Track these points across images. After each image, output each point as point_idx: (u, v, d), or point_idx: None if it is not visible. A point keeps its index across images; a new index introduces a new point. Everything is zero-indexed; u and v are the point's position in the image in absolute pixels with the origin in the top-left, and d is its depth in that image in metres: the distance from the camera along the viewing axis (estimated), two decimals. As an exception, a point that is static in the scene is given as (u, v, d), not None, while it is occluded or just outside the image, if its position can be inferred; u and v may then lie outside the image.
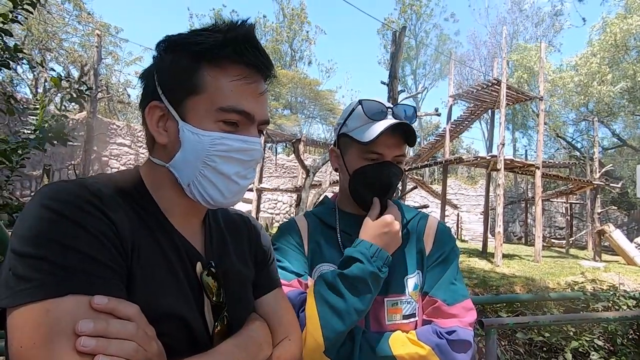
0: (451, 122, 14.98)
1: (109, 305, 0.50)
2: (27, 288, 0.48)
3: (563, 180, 16.03)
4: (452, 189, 22.94)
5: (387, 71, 8.25)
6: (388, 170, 1.00)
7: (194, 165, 0.64)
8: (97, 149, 13.77)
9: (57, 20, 16.81)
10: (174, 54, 0.64)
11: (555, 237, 20.46)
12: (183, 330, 0.61)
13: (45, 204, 0.53)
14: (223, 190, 0.66)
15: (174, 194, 0.67)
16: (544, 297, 2.79)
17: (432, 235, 1.06)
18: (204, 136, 0.62)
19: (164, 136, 0.65)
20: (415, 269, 1.01)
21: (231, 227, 0.81)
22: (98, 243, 0.53)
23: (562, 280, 7.93)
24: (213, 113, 0.63)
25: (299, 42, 33.77)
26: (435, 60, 34.24)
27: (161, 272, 0.61)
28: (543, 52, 13.47)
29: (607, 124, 23.75)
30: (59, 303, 0.48)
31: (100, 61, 12.21)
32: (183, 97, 0.63)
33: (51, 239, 0.50)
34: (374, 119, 0.99)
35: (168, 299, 0.60)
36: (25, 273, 0.49)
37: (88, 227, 0.53)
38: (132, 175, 0.67)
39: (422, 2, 32.70)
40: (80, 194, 0.55)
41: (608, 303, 2.93)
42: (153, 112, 0.65)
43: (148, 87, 0.67)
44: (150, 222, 0.63)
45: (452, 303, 0.96)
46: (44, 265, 0.49)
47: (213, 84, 0.63)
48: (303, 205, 9.75)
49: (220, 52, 0.62)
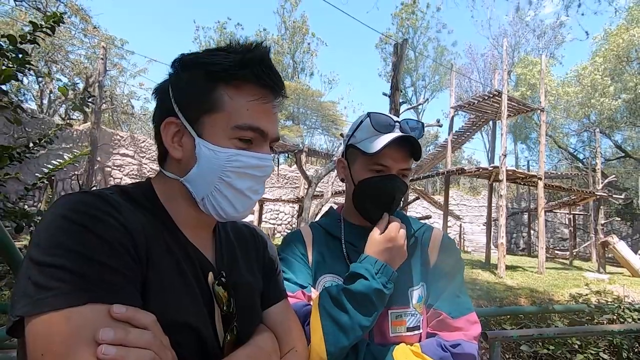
0: (452, 133, 15.04)
1: (127, 314, 0.51)
2: (48, 297, 0.49)
3: (566, 191, 15.98)
4: (454, 199, 22.88)
5: (388, 83, 8.32)
6: (392, 182, 1.00)
7: (210, 181, 0.66)
8: (100, 159, 13.85)
9: (64, 33, 17.07)
10: (190, 73, 0.66)
11: (559, 248, 20.30)
12: (195, 340, 0.62)
13: (65, 214, 0.54)
14: (236, 204, 0.68)
15: (186, 206, 0.69)
16: (548, 309, 2.76)
17: (436, 247, 1.06)
18: (221, 153, 0.65)
19: (178, 151, 0.67)
20: (420, 281, 1.01)
21: (239, 239, 0.82)
22: (116, 252, 0.54)
23: (566, 292, 7.86)
24: (229, 130, 0.65)
25: (300, 53, 34.15)
26: (434, 72, 34.48)
27: (175, 281, 0.62)
28: (544, 64, 13.57)
29: (609, 135, 23.75)
30: (79, 312, 0.49)
31: (105, 73, 12.37)
32: (200, 114, 0.65)
33: (71, 249, 0.51)
34: (380, 132, 1.00)
35: (182, 308, 0.61)
36: (45, 282, 0.49)
37: (106, 236, 0.54)
38: (145, 187, 0.69)
39: (417, 16, 33.05)
40: (98, 205, 0.57)
41: (613, 315, 2.90)
42: (169, 128, 0.67)
43: (163, 103, 0.69)
44: (163, 233, 0.64)
45: (457, 316, 0.96)
46: (64, 274, 0.50)
47: (230, 103, 0.65)
48: (305, 215, 9.74)
49: (237, 73, 0.65)
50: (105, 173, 14.65)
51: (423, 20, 33.27)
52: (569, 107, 23.76)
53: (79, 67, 18.24)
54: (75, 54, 18.68)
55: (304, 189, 12.89)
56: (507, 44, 14.87)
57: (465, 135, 16.79)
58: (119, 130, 17.72)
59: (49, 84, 17.33)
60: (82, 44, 18.63)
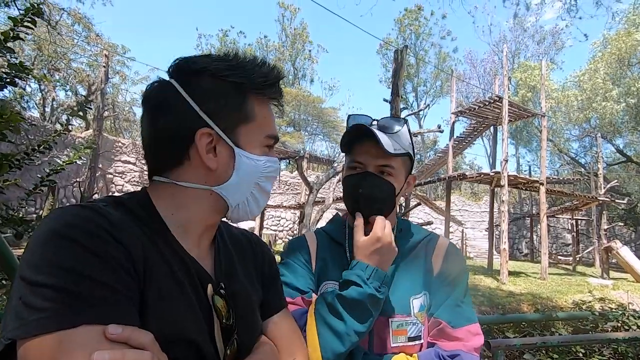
0: (454, 138, 15.04)
1: (123, 335, 0.49)
2: (40, 318, 0.46)
3: (568, 196, 15.93)
4: (455, 205, 22.82)
5: (388, 89, 8.34)
6: (366, 180, 0.98)
7: (247, 187, 0.70)
8: (102, 166, 13.89)
9: (67, 41, 17.22)
10: (212, 83, 0.66)
11: (562, 253, 20.18)
12: (195, 355, 0.60)
13: (56, 229, 0.52)
14: (261, 205, 0.74)
15: (196, 215, 0.68)
16: (552, 317, 2.73)
17: (441, 255, 1.03)
18: (258, 161, 0.69)
19: (214, 161, 0.66)
20: (422, 290, 0.99)
21: (238, 248, 0.81)
22: (111, 269, 0.52)
23: (570, 298, 7.79)
24: (262, 140, 0.71)
25: (301, 60, 34.35)
26: (435, 78, 34.58)
27: (173, 295, 0.60)
28: (544, 70, 13.60)
29: (610, 139, 23.72)
30: (72, 334, 0.47)
31: (107, 80, 12.43)
32: (235, 125, 0.67)
33: (63, 267, 0.49)
34: (352, 131, 1.02)
35: (181, 323, 0.59)
36: (36, 303, 0.47)
37: (100, 253, 0.52)
38: (140, 197, 0.67)
39: (420, 22, 33.25)
40: (91, 219, 0.55)
41: (617, 323, 2.87)
42: (203, 139, 0.65)
43: (183, 113, 0.65)
44: (160, 244, 0.62)
45: (457, 326, 0.93)
46: (56, 294, 0.48)
47: (260, 114, 0.70)
48: (306, 221, 9.72)
49: (268, 89, 0.70)
50: (107, 180, 14.68)
51: (426, 27, 33.46)
52: (570, 112, 23.76)
53: (81, 75, 18.37)
54: (77, 62, 18.83)
55: (305, 195, 12.87)
56: (507, 50, 14.91)
57: (467, 141, 16.78)
58: (120, 137, 17.78)
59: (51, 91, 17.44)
60: (84, 52, 18.79)
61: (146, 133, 0.69)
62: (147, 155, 0.69)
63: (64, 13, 16.04)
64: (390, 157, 0.98)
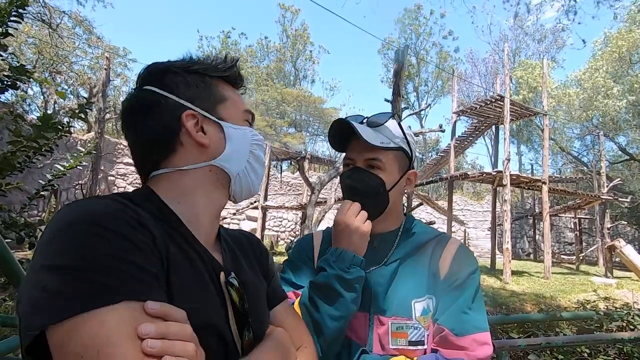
0: (455, 138, 15.01)
1: (161, 310, 0.51)
2: (75, 299, 0.47)
3: (570, 195, 15.88)
4: (458, 204, 22.78)
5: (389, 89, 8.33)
6: (354, 174, 1.00)
7: (243, 155, 0.75)
8: (104, 168, 13.91)
9: (68, 44, 17.27)
10: (184, 76, 0.73)
11: (565, 252, 20.11)
12: (216, 340, 0.63)
13: (81, 218, 0.52)
14: (259, 176, 0.79)
15: (203, 199, 0.71)
16: (556, 316, 2.71)
17: (449, 257, 0.98)
18: (245, 130, 0.76)
19: (205, 139, 0.71)
20: (426, 293, 0.94)
21: (238, 244, 0.85)
22: (142, 252, 0.54)
23: (574, 297, 7.76)
24: (241, 114, 0.77)
25: (302, 61, 34.35)
26: (436, 78, 34.53)
27: (193, 283, 0.62)
28: (546, 68, 13.57)
29: (612, 137, 23.64)
30: (114, 310, 0.47)
31: (108, 83, 12.46)
32: (214, 105, 0.74)
33: (94, 250, 0.50)
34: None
35: (203, 309, 0.61)
36: (69, 286, 0.47)
37: (130, 236, 0.53)
38: (145, 192, 0.68)
39: (420, 22, 33.23)
40: (114, 207, 0.56)
41: (622, 323, 2.85)
42: (189, 120, 0.70)
43: (163, 108, 0.70)
44: (175, 235, 0.64)
45: (462, 334, 0.87)
46: (93, 275, 0.48)
47: (230, 94, 0.77)
48: (308, 222, 9.70)
49: (229, 72, 0.77)
50: (109, 182, 14.71)
51: (426, 26, 33.44)
52: (571, 110, 23.69)
53: (82, 77, 18.42)
54: (79, 64, 18.89)
55: (307, 195, 12.87)
56: (508, 49, 14.88)
57: (468, 140, 16.75)
58: (122, 139, 17.81)
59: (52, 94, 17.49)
60: (85, 55, 18.83)
61: (136, 137, 0.72)
62: (140, 158, 0.72)
63: (64, 16, 16.08)
64: (377, 150, 0.97)
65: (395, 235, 1.03)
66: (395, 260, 0.99)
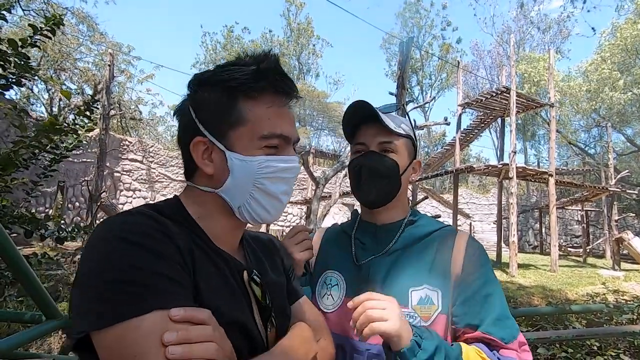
0: (461, 131, 14.88)
1: (185, 315, 0.56)
2: (117, 308, 0.54)
3: (577, 187, 15.73)
4: (463, 198, 22.68)
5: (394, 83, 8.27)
6: (368, 158, 1.00)
7: (244, 189, 0.71)
8: (109, 164, 13.98)
9: (72, 41, 17.29)
10: (208, 91, 0.70)
11: (572, 245, 19.98)
12: (243, 335, 0.68)
13: (120, 235, 0.59)
14: (269, 209, 0.74)
15: (220, 218, 0.74)
16: (566, 310, 2.68)
17: (462, 253, 0.95)
18: (251, 162, 0.69)
19: (210, 167, 0.71)
20: (424, 283, 0.92)
21: (260, 246, 0.88)
22: (168, 264, 0.60)
23: (582, 290, 7.71)
24: (256, 141, 0.70)
25: (306, 55, 34.16)
26: (440, 70, 34.21)
27: (219, 284, 0.68)
28: (552, 59, 13.39)
29: (619, 129, 23.35)
30: (146, 319, 0.54)
31: (112, 79, 12.47)
32: (226, 130, 0.69)
33: (130, 264, 0.56)
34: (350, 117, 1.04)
35: (229, 307, 0.67)
36: (112, 296, 0.54)
37: (160, 250, 0.60)
38: (174, 204, 0.73)
39: (421, 14, 32.88)
40: (144, 223, 0.62)
41: (633, 315, 2.81)
42: (198, 147, 0.70)
43: (187, 124, 0.72)
44: (200, 244, 0.69)
45: (510, 340, 0.86)
46: (130, 287, 0.55)
47: (252, 114, 0.69)
48: (313, 216, 9.70)
49: (254, 85, 0.69)
50: (115, 178, 14.79)
51: (427, 19, 33.11)
52: (577, 102, 23.41)
53: (87, 74, 18.45)
54: (83, 61, 18.92)
55: (312, 190, 12.86)
56: (514, 40, 14.69)
57: (474, 133, 16.61)
58: (127, 135, 17.89)
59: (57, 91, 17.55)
60: (89, 52, 18.86)
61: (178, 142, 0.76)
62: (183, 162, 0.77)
63: (67, 12, 16.09)
64: (392, 134, 1.00)
65: (399, 226, 1.03)
66: (396, 250, 0.99)
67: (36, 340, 4.28)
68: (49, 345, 4.63)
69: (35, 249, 6.54)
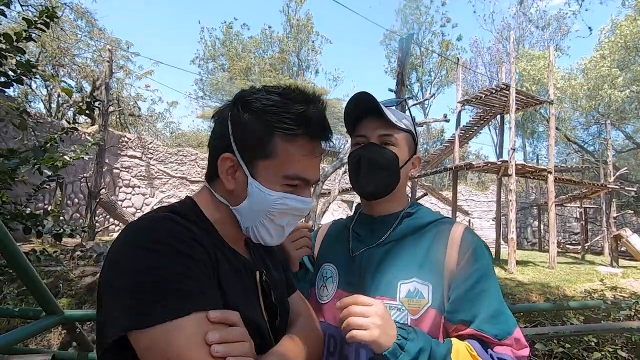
0: (460, 127, 14.86)
1: (221, 317, 0.61)
2: (159, 310, 0.57)
3: (576, 184, 15.75)
4: (462, 195, 22.70)
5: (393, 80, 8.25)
6: (368, 150, 1.00)
7: (256, 215, 0.75)
8: (108, 161, 13.95)
9: (70, 37, 17.20)
10: (250, 116, 0.72)
11: (570, 242, 20.03)
12: (256, 332, 0.72)
13: (153, 239, 0.62)
14: (274, 235, 0.78)
15: (231, 226, 0.78)
16: (564, 306, 2.69)
17: (456, 245, 0.93)
18: (270, 195, 0.73)
19: (231, 183, 0.75)
20: (414, 276, 0.91)
21: (261, 245, 0.89)
22: (201, 268, 0.64)
23: (580, 287, 7.74)
24: (280, 178, 0.73)
25: (305, 51, 34.03)
26: (440, 67, 34.13)
27: (237, 283, 0.73)
28: (552, 56, 13.36)
29: (618, 126, 23.35)
30: (187, 321, 0.58)
31: (111, 76, 12.42)
32: (255, 158, 0.73)
33: (168, 269, 0.60)
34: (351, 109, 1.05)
35: (246, 305, 0.71)
36: (151, 298, 0.57)
37: (191, 253, 0.63)
38: (191, 206, 0.77)
39: (421, 11, 32.72)
40: (175, 227, 0.65)
41: (630, 312, 2.83)
42: (225, 162, 0.74)
43: (222, 135, 0.75)
44: (218, 244, 0.74)
45: (504, 336, 0.84)
46: (167, 290, 0.58)
47: (284, 153, 0.72)
48: (312, 214, 9.71)
49: (295, 129, 0.71)
50: (114, 175, 14.76)
51: (427, 15, 32.98)
52: (576, 100, 23.39)
53: (85, 70, 18.36)
54: (81, 57, 18.82)
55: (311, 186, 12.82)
56: (513, 36, 14.65)
57: (473, 130, 16.60)
58: (126, 132, 17.84)
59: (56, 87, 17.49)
60: (88, 47, 18.76)
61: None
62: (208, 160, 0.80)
63: (66, 8, 16.00)
64: (393, 127, 1.00)
65: (396, 217, 1.02)
66: (390, 241, 0.99)
67: (36, 335, 4.29)
68: (48, 341, 4.64)
69: (35, 246, 6.54)
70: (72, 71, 18.36)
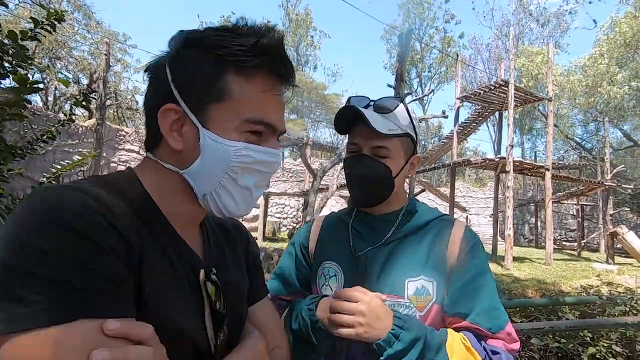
0: (458, 124, 14.87)
1: (122, 329, 0.45)
2: (30, 311, 0.41)
3: (573, 181, 15.81)
4: (460, 191, 22.75)
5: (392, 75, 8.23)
6: (359, 162, 0.98)
7: (214, 176, 0.60)
8: (106, 155, 13.90)
9: (67, 30, 17.06)
10: (195, 54, 0.59)
11: (567, 239, 20.14)
12: (189, 344, 0.58)
13: (48, 213, 0.46)
14: (239, 201, 0.63)
15: (182, 200, 0.63)
16: (559, 301, 2.71)
17: (457, 244, 0.95)
18: (229, 146, 0.59)
19: (178, 142, 0.60)
20: (421, 274, 0.93)
21: (225, 233, 0.79)
22: (107, 260, 0.48)
23: (575, 283, 7.79)
24: (238, 123, 0.60)
25: (304, 46, 33.90)
26: (440, 63, 34.07)
27: (168, 283, 0.57)
28: (551, 53, 13.35)
29: (616, 124, 23.41)
30: (67, 329, 0.42)
31: (108, 69, 12.35)
32: (205, 103, 0.59)
33: (55, 255, 0.44)
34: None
35: (175, 313, 0.56)
36: (23, 293, 0.42)
37: (97, 241, 0.47)
38: (129, 178, 0.62)
39: (424, 7, 32.63)
40: (86, 203, 0.49)
41: (625, 307, 2.85)
42: (167, 115, 0.60)
43: (159, 85, 0.61)
44: (154, 228, 0.59)
45: (497, 330, 0.88)
46: (45, 284, 0.43)
47: (240, 92, 0.59)
48: (310, 209, 9.73)
49: (251, 61, 0.58)
50: (111, 169, 14.72)
51: (430, 11, 32.88)
52: (575, 97, 23.42)
53: (82, 63, 18.25)
54: (78, 50, 18.69)
55: (309, 182, 12.86)
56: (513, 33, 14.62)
57: (471, 127, 16.60)
58: (123, 125, 17.76)
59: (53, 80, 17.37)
60: (85, 40, 18.63)
61: (143, 102, 0.65)
62: (145, 128, 0.65)
63: (63, 0, 15.87)
64: (385, 138, 0.95)
65: (397, 216, 1.03)
66: (393, 240, 0.99)
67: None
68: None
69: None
70: (69, 64, 18.24)
